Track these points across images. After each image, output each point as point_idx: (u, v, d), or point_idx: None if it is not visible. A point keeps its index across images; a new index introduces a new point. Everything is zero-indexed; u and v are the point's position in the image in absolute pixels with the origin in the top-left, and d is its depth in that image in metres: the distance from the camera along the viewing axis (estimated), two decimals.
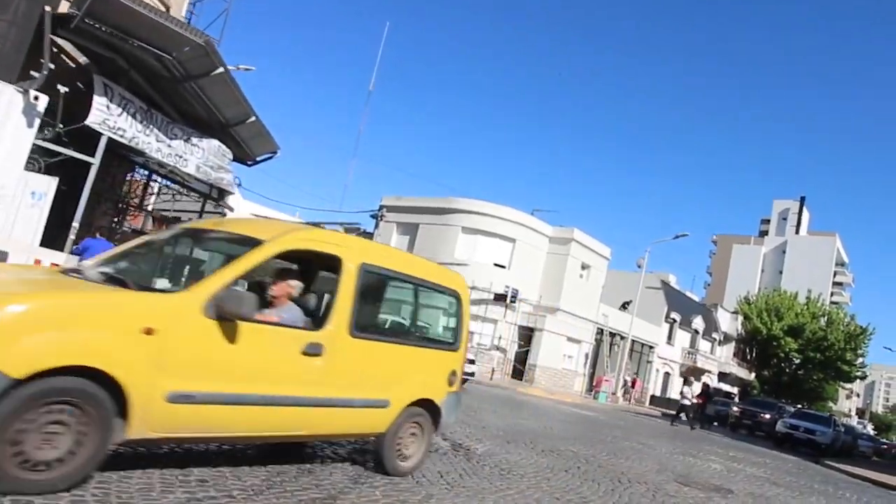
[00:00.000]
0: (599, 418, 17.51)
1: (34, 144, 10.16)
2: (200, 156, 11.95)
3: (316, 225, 35.13)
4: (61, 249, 9.80)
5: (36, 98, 5.89)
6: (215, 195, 14.28)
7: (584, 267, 31.75)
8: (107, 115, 9.87)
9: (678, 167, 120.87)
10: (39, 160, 10.40)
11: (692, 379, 29.66)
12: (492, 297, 27.35)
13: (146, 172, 15.73)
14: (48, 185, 7.85)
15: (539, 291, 29.75)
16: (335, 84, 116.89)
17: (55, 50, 10.70)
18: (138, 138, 10.45)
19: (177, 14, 12.84)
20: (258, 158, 15.74)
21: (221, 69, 10.47)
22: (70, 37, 9.58)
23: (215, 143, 12.52)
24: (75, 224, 9.74)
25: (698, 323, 47.97)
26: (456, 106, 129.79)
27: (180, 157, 11.41)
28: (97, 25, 8.97)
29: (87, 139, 9.87)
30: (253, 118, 13.00)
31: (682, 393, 23.57)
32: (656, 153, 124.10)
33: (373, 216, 32.20)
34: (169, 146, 11.14)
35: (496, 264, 28.40)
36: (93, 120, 9.70)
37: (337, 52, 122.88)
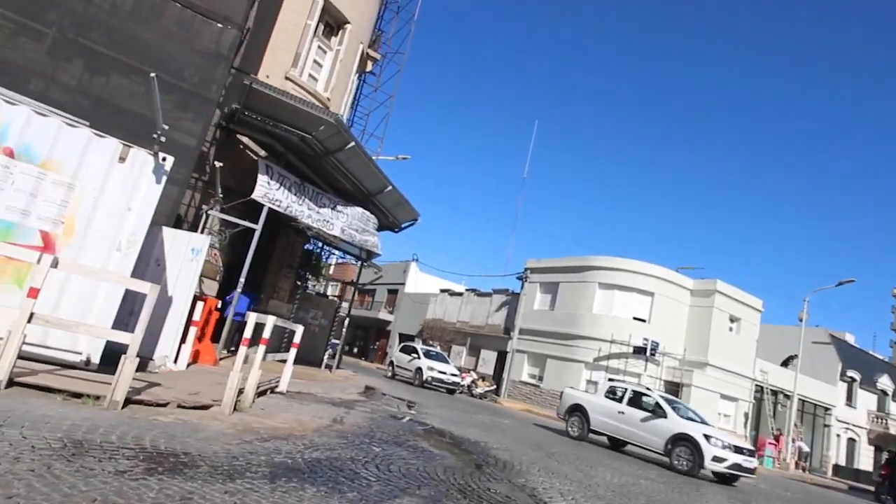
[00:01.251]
0: (759, 486, 13.70)
1: (219, 218, 11.24)
2: (345, 220, 12.29)
3: (473, 290, 34.76)
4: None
5: (164, 159, 6.18)
6: (365, 256, 14.63)
7: (732, 320, 26.88)
8: (267, 190, 10.59)
9: (851, 208, 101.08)
10: (225, 231, 11.49)
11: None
12: (631, 350, 24.15)
13: (319, 243, 16.81)
14: (203, 243, 8.38)
15: (683, 345, 25.65)
16: (493, 173, 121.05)
17: (241, 146, 12.03)
18: (292, 207, 11.02)
19: (337, 110, 13.86)
20: (403, 225, 15.96)
21: (353, 143, 10.76)
22: (239, 129, 10.66)
23: (359, 210, 12.86)
24: (241, 279, 10.34)
25: (885, 383, 37.60)
26: (600, 182, 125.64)
27: (327, 221, 11.81)
28: (254, 116, 9.83)
29: (256, 211, 10.67)
30: (390, 188, 13.20)
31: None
32: (818, 195, 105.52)
33: (519, 278, 31.19)
34: (318, 213, 11.62)
35: (635, 318, 25.25)
36: (257, 194, 10.46)
37: (492, 145, 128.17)
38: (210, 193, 10.57)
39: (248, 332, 6.67)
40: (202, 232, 10.31)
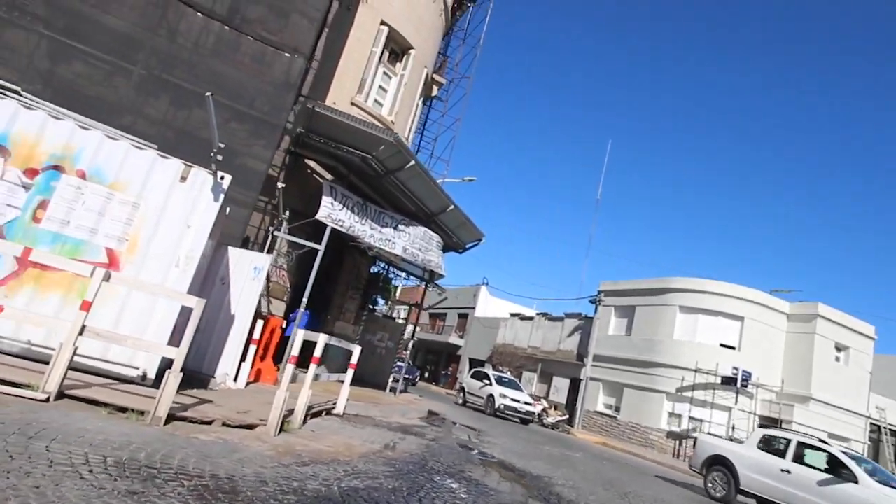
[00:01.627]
0: None
1: (286, 240, 11.41)
2: (407, 239, 12.07)
3: (544, 314, 33.38)
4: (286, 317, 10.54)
5: (222, 178, 6.20)
6: (428, 277, 14.32)
7: (838, 348, 23.61)
8: (331, 210, 10.62)
9: None
10: (292, 252, 11.66)
11: None
12: (718, 380, 21.81)
13: (384, 265, 16.79)
14: (265, 262, 8.41)
15: (781, 376, 22.81)
16: (564, 195, 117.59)
17: (308, 170, 12.27)
18: (355, 227, 10.97)
19: (401, 132, 13.89)
20: (467, 246, 15.54)
21: (412, 162, 10.57)
22: (305, 153, 10.83)
23: (421, 229, 12.62)
24: (304, 299, 10.34)
25: None
26: (677, 201, 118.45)
27: (389, 240, 11.64)
28: (318, 139, 9.94)
29: (322, 233, 10.72)
30: (452, 207, 12.87)
31: None
32: None
33: (592, 301, 29.64)
34: (380, 232, 11.49)
35: (723, 345, 22.88)
36: (320, 214, 10.51)
37: (562, 166, 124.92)
38: (276, 215, 10.78)
39: (295, 350, 6.44)
40: (269, 253, 10.47)
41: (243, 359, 8.23)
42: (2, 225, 5.40)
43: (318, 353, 6.84)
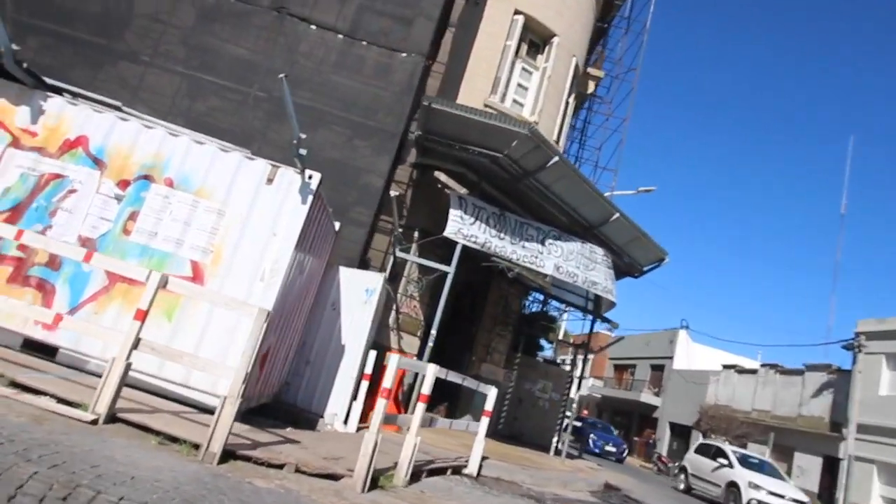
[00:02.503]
0: None
1: (414, 263, 11.01)
2: (560, 255, 10.71)
3: (773, 366, 28.06)
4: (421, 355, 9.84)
5: (310, 177, 5.89)
6: (593, 307, 12.57)
7: None
8: (461, 225, 9.92)
9: None
10: (423, 279, 11.18)
11: None
12: None
13: (541, 296, 15.46)
14: (377, 282, 7.92)
15: None
16: (788, 208, 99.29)
17: (439, 185, 11.91)
18: (490, 243, 10.06)
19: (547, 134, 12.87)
20: (644, 269, 13.47)
21: (555, 158, 9.38)
22: (428, 161, 10.43)
23: (578, 242, 11.16)
24: (433, 332, 9.62)
25: None
26: None
27: (535, 257, 10.44)
28: (437, 140, 9.43)
29: (451, 252, 10.06)
30: (616, 215, 11.20)
31: None
32: None
33: (847, 347, 23.69)
34: (523, 247, 10.37)
35: None
36: (449, 231, 9.87)
37: (773, 172, 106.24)
38: (402, 235, 10.45)
39: (426, 388, 5.65)
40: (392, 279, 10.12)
41: (354, 397, 7.71)
42: (95, 238, 5.73)
43: (426, 388, 5.92)
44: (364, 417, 7.47)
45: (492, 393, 7.77)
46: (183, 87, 10.55)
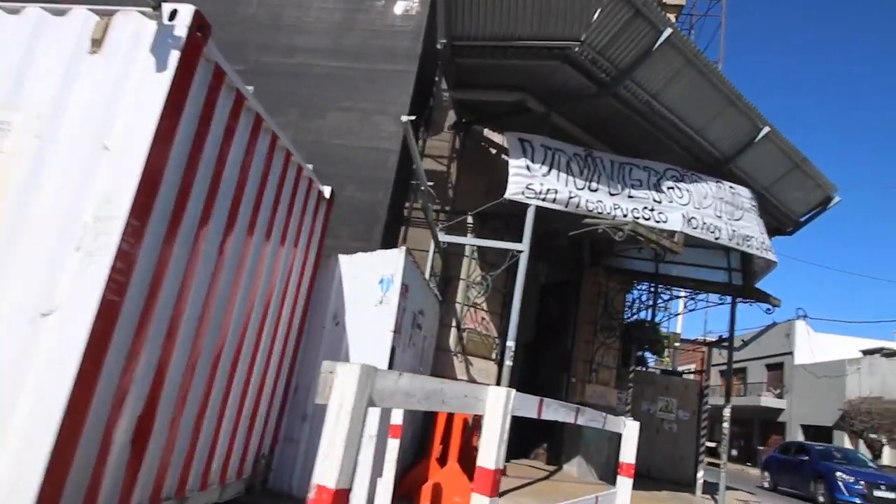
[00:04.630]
0: None
1: (468, 246, 7.33)
2: (686, 201, 6.71)
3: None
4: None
5: (173, 14, 2.56)
6: (740, 280, 8.27)
7: None
8: (529, 179, 6.18)
9: None
10: (487, 279, 7.38)
11: None
12: None
13: (650, 286, 11.26)
14: (395, 265, 4.22)
15: None
16: None
17: (483, 143, 8.27)
18: (578, 196, 6.24)
19: None
20: (802, 217, 9.13)
21: (668, 32, 5.54)
22: (465, 97, 6.85)
23: (712, 183, 7.11)
24: (510, 343, 5.80)
25: None
26: None
27: (652, 209, 6.49)
28: (474, 47, 5.80)
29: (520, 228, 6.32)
30: (766, 130, 7.11)
31: None
32: None
33: None
34: (630, 197, 6.48)
35: None
36: (512, 191, 6.16)
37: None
38: (444, 213, 6.84)
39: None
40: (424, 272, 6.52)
41: (380, 471, 3.99)
42: None
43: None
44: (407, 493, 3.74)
45: (631, 430, 3.93)
46: None
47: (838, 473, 12.57)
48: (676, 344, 15.15)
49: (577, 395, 8.53)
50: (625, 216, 6.32)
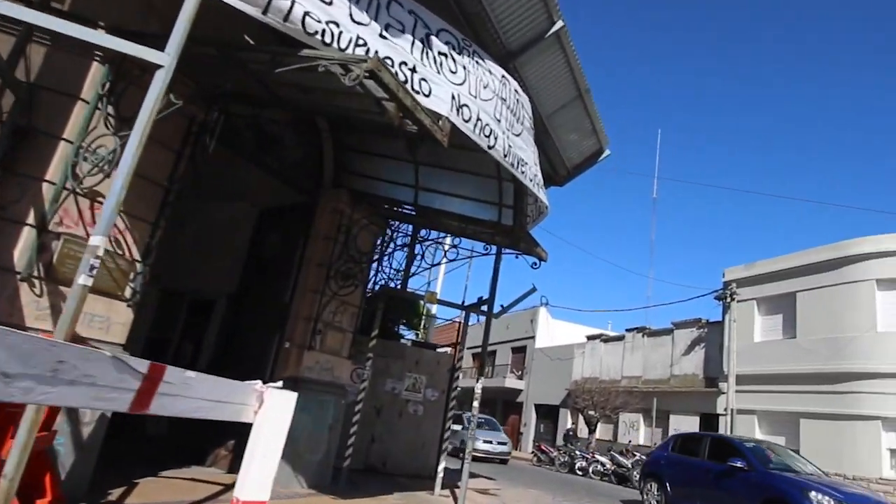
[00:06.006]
0: None
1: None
2: (462, 80, 4.57)
3: (640, 329, 24.81)
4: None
5: None
6: (510, 221, 6.61)
7: None
8: None
9: None
10: (117, 141, 4.10)
11: None
12: None
13: (405, 227, 9.20)
14: None
15: None
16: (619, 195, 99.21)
17: None
18: (300, 2, 3.56)
19: None
20: (572, 165, 7.97)
21: None
22: None
23: (497, 71, 5.12)
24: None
25: None
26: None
27: (413, 69, 4.16)
28: None
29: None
30: (560, 25, 5.42)
31: None
32: None
33: (719, 298, 21.35)
34: (383, 37, 4.03)
35: None
36: None
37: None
38: None
39: None
40: None
41: None
42: None
43: None
44: None
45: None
46: None
47: (813, 493, 7.20)
48: (434, 309, 13.59)
49: (289, 368, 5.82)
50: (382, 49, 3.81)
